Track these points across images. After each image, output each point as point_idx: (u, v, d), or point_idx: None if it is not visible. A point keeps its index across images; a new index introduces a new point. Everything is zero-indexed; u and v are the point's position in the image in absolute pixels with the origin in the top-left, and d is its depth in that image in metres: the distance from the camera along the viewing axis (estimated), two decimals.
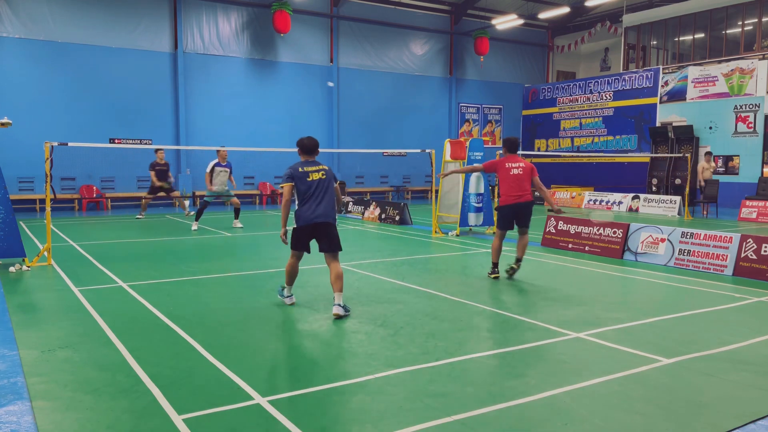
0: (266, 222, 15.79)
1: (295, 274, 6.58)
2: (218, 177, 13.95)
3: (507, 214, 8.22)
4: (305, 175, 6.30)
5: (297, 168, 6.34)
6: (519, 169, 8.11)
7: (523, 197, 8.10)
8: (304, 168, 6.34)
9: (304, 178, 6.28)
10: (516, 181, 8.09)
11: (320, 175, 6.34)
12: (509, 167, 8.14)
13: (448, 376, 4.49)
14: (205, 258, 10.07)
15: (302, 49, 23.97)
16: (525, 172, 8.11)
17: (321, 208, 6.26)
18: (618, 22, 26.67)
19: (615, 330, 5.80)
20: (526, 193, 8.12)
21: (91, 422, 3.71)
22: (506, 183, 8.16)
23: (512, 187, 8.09)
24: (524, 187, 8.10)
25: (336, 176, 6.65)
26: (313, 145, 6.46)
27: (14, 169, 18.30)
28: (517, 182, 8.08)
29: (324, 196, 6.30)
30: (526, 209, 8.20)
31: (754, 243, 8.64)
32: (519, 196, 8.08)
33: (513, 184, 8.09)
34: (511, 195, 8.11)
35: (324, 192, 6.31)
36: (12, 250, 8.81)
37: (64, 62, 19.72)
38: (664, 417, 3.85)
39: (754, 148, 20.65)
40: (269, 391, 4.17)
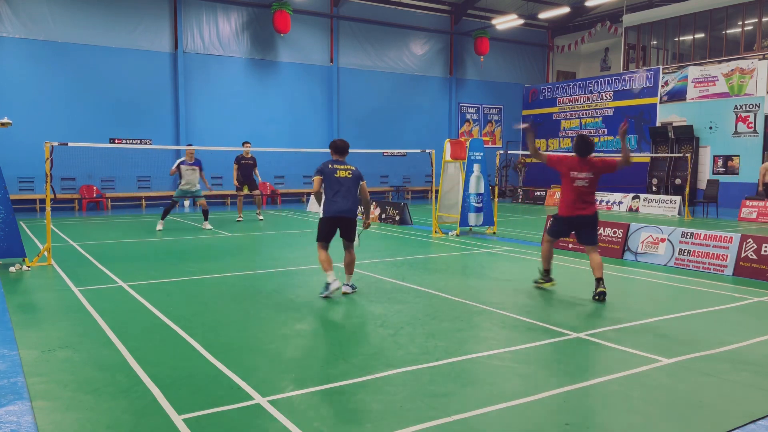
0: (262, 225, 15.79)
1: (328, 261, 7.07)
2: (186, 175, 13.85)
3: (564, 226, 7.39)
4: (333, 171, 7.06)
5: (327, 164, 7.11)
6: (584, 180, 7.10)
7: (586, 209, 7.15)
8: (334, 165, 7.11)
9: (332, 175, 7.04)
10: (579, 192, 7.13)
11: (347, 174, 7.11)
12: (574, 177, 7.12)
13: (448, 376, 4.49)
14: (205, 258, 10.06)
15: (302, 49, 23.97)
16: (591, 183, 7.15)
17: (345, 204, 7.02)
18: (618, 22, 26.67)
19: (615, 330, 5.80)
20: (588, 206, 7.16)
21: (91, 422, 3.71)
22: (567, 191, 7.21)
23: (571, 198, 7.16)
24: (586, 199, 7.16)
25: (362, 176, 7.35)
26: (344, 146, 7.27)
27: (14, 169, 18.29)
28: (578, 193, 7.13)
29: (348, 193, 7.04)
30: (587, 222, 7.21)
31: (754, 243, 8.64)
32: (581, 207, 7.13)
33: (572, 194, 7.15)
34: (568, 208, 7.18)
35: (349, 189, 7.05)
36: (12, 250, 8.81)
37: (64, 62, 19.72)
38: (664, 417, 3.85)
39: (754, 148, 20.65)
40: (269, 391, 4.17)
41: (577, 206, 7.10)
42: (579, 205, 7.09)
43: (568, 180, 7.12)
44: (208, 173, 22.22)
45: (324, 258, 7.07)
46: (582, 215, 7.11)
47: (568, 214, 7.16)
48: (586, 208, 7.12)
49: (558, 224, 7.42)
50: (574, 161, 7.13)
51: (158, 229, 13.57)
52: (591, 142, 7.21)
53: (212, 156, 22.00)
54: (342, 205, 6.99)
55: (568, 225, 7.30)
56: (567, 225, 7.31)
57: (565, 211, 7.19)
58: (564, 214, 7.22)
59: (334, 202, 7.00)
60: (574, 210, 7.11)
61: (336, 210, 6.98)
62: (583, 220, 7.14)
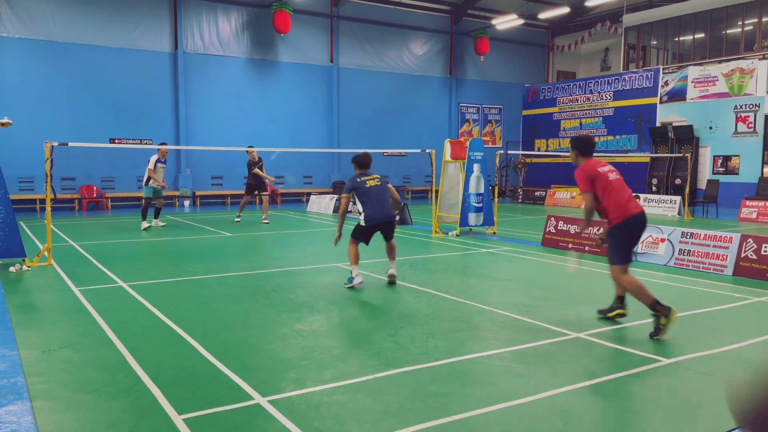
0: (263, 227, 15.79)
1: (357, 257, 7.65)
2: (159, 173, 13.80)
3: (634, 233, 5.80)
4: (363, 183, 7.66)
5: (355, 180, 7.73)
6: (615, 173, 5.89)
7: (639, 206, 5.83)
8: (362, 179, 7.72)
9: (364, 187, 7.64)
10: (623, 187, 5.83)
11: (375, 182, 7.71)
12: (604, 172, 5.81)
13: (448, 376, 4.49)
14: (205, 258, 10.06)
15: (302, 49, 23.98)
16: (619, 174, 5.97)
17: (385, 210, 7.64)
18: (618, 22, 26.67)
19: (615, 330, 5.80)
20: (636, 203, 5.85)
21: (91, 422, 3.71)
22: (614, 192, 5.73)
23: (624, 195, 5.75)
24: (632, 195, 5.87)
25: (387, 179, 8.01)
26: (368, 160, 7.91)
27: (14, 169, 18.30)
28: (624, 188, 5.83)
29: (383, 198, 7.66)
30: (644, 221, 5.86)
31: (754, 243, 8.63)
32: (635, 205, 5.77)
33: (622, 191, 5.77)
34: (630, 206, 5.71)
35: (383, 195, 7.67)
36: (12, 250, 8.81)
37: (64, 62, 19.73)
38: (664, 417, 3.85)
39: (754, 148, 20.65)
40: (269, 391, 4.17)
41: (634, 202, 5.77)
42: (634, 201, 5.79)
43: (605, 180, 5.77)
44: (208, 173, 22.32)
45: (354, 253, 7.63)
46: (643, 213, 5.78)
47: (635, 212, 5.71)
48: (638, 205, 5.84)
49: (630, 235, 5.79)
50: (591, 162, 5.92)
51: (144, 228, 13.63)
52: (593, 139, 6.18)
53: (212, 156, 22.03)
54: (384, 212, 7.62)
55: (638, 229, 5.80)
56: (638, 229, 5.80)
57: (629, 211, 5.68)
58: (631, 213, 5.68)
59: (375, 211, 7.57)
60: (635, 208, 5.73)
61: (381, 217, 7.59)
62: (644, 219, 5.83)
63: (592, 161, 5.89)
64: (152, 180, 13.70)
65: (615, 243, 5.76)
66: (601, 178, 5.74)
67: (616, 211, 5.66)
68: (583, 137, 6.08)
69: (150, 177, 13.66)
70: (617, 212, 5.66)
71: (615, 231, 5.71)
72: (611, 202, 5.70)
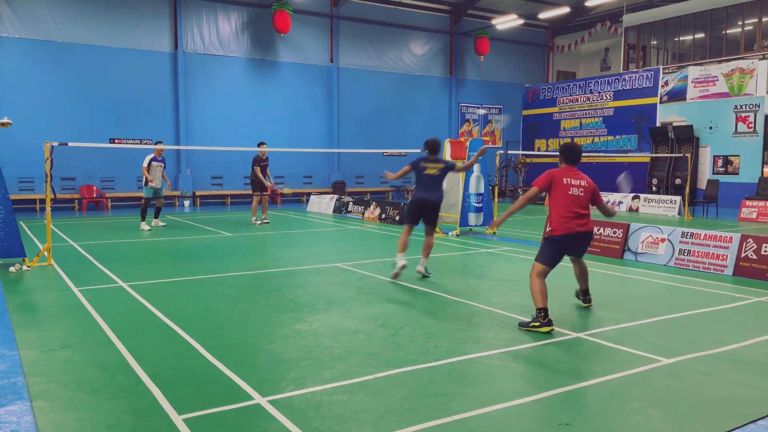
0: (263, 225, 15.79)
1: (405, 244, 8.15)
2: (155, 172, 13.73)
3: (561, 247, 6.04)
4: (423, 168, 8.20)
5: (419, 161, 8.26)
6: (581, 189, 6.00)
7: (585, 225, 6.01)
8: (424, 163, 8.22)
9: (422, 171, 8.19)
10: (576, 203, 5.99)
11: (435, 171, 8.19)
12: (568, 183, 6.01)
13: (448, 376, 4.49)
14: (205, 258, 10.06)
15: (302, 49, 23.98)
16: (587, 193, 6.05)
17: (433, 193, 8.21)
18: (618, 22, 26.67)
19: (615, 330, 5.80)
20: (587, 221, 6.05)
21: (91, 422, 3.71)
22: (561, 204, 5.98)
23: (570, 211, 5.96)
24: (584, 213, 6.05)
25: (452, 166, 8.45)
26: (435, 144, 8.39)
27: (14, 169, 18.30)
28: (575, 205, 5.98)
29: (432, 186, 8.19)
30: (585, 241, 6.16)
31: (754, 243, 8.63)
32: (579, 224, 5.96)
33: (571, 206, 5.97)
34: (566, 221, 5.93)
35: (433, 184, 8.19)
36: (12, 250, 8.81)
37: (64, 62, 19.73)
38: (664, 417, 3.85)
39: (754, 148, 20.65)
40: (269, 391, 4.17)
41: (576, 220, 5.97)
42: (577, 219, 5.98)
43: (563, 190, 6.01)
44: (207, 173, 22.32)
45: (404, 241, 8.16)
46: (581, 232, 6.02)
47: (567, 231, 5.95)
48: (585, 224, 6.04)
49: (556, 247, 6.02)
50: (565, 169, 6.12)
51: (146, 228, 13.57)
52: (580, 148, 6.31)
53: (212, 156, 22.04)
54: (425, 194, 8.15)
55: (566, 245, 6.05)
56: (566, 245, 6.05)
57: (563, 227, 5.95)
58: (563, 232, 5.95)
59: (422, 191, 8.19)
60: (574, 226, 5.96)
61: (421, 197, 8.15)
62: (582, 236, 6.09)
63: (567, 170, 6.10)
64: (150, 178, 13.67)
65: (546, 247, 6.08)
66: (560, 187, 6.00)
67: (555, 222, 5.99)
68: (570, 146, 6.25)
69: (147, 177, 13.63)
70: (556, 225, 5.98)
71: (548, 239, 6.09)
72: (554, 213, 6.03)
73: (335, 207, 18.45)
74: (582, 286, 6.68)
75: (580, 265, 6.54)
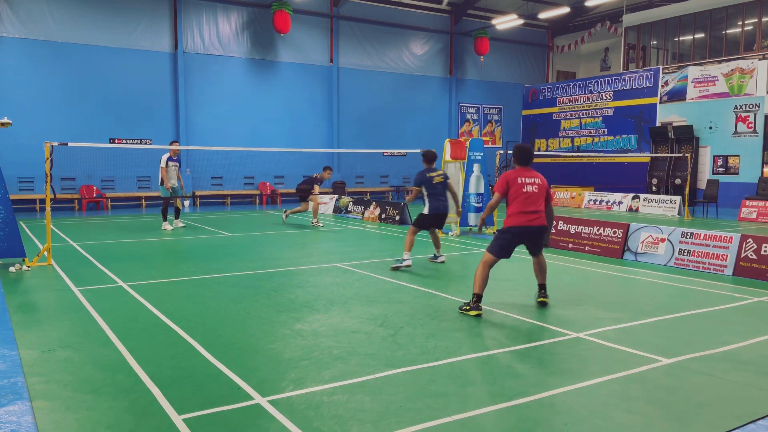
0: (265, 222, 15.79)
1: (412, 245, 8.96)
2: (171, 172, 13.65)
3: (511, 238, 6.52)
4: (431, 179, 9.04)
5: (425, 174, 9.09)
6: (534, 186, 6.52)
7: (536, 220, 6.50)
8: (429, 174, 9.08)
9: (431, 182, 9.03)
10: (529, 199, 6.49)
11: (441, 178, 9.10)
12: (522, 182, 6.53)
13: (448, 376, 4.49)
14: (205, 258, 10.06)
15: (302, 49, 23.98)
16: (540, 190, 6.57)
17: (444, 203, 9.11)
18: (618, 22, 26.68)
19: (615, 330, 5.80)
20: (539, 216, 6.53)
21: (91, 422, 3.71)
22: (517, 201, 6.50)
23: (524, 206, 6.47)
24: (538, 209, 6.52)
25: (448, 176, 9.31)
26: (435, 156, 9.36)
27: (14, 169, 18.30)
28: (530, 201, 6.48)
29: (444, 194, 9.12)
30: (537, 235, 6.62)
31: (754, 243, 8.64)
32: (530, 218, 6.46)
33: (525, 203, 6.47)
34: (519, 215, 6.45)
35: (443, 191, 9.11)
36: (12, 250, 8.81)
37: (64, 62, 19.72)
38: (664, 417, 3.85)
39: (754, 148, 20.65)
40: (269, 391, 4.17)
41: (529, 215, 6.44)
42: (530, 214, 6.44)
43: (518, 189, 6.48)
44: (207, 173, 22.31)
45: (411, 242, 8.92)
46: (532, 226, 6.47)
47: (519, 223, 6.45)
48: (536, 218, 6.48)
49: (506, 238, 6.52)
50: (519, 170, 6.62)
51: (168, 229, 13.52)
52: (531, 150, 6.78)
53: (212, 156, 22.03)
54: (443, 204, 9.06)
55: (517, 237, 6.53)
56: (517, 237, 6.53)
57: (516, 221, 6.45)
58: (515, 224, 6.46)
59: (437, 202, 9.02)
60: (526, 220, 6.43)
61: (440, 208, 9.02)
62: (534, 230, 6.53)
63: (521, 170, 6.60)
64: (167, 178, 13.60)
65: (497, 239, 6.57)
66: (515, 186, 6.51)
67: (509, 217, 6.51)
68: (522, 148, 6.76)
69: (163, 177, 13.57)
70: (509, 218, 6.51)
71: (500, 231, 6.60)
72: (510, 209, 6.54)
73: (335, 207, 18.45)
74: (539, 280, 6.89)
75: (538, 261, 6.82)
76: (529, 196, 6.47)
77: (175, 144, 13.78)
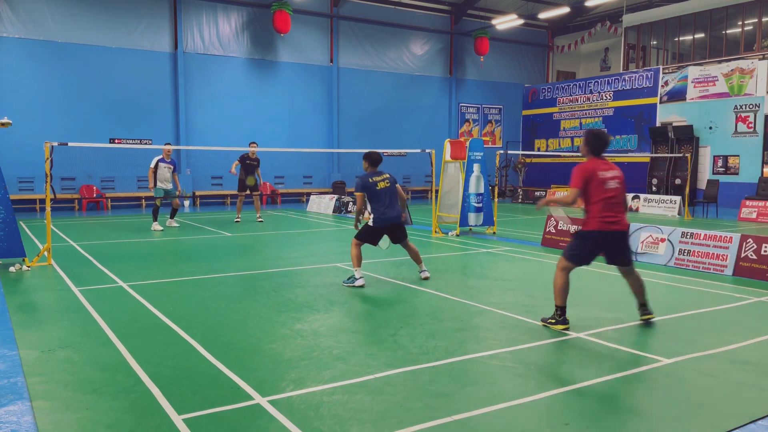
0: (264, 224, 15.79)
1: (360, 258, 7.72)
2: (163, 173, 13.69)
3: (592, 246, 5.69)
4: (375, 184, 7.68)
5: (367, 179, 7.70)
6: (616, 181, 5.61)
7: (619, 223, 5.60)
8: (373, 178, 7.72)
9: (374, 187, 7.66)
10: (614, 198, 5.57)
11: (386, 183, 7.74)
12: (603, 177, 5.56)
13: (448, 376, 4.49)
14: (205, 258, 10.06)
15: (302, 49, 23.98)
16: (623, 186, 5.67)
17: (393, 211, 7.71)
18: (618, 22, 26.67)
19: (615, 330, 5.79)
20: (622, 218, 5.63)
21: (91, 422, 3.71)
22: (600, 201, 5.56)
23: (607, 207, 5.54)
24: (621, 209, 5.64)
25: (395, 180, 7.99)
26: (380, 159, 7.94)
27: (14, 169, 18.29)
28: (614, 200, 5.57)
29: (391, 199, 7.72)
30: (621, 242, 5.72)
31: (754, 243, 8.64)
32: (614, 221, 5.56)
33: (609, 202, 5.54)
34: (605, 218, 5.55)
35: (391, 196, 7.72)
36: (12, 250, 8.81)
37: (64, 62, 19.72)
38: (664, 417, 3.85)
39: (754, 148, 20.65)
40: (269, 391, 4.17)
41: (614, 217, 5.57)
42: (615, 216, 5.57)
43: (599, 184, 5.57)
44: (207, 173, 22.30)
45: (357, 255, 7.69)
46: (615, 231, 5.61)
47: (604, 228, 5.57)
48: (619, 221, 5.61)
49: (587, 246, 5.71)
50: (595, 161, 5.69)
51: (158, 229, 13.54)
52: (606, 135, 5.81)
53: (212, 156, 22.02)
54: (392, 213, 7.70)
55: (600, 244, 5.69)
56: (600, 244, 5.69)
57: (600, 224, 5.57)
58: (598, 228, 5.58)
59: (384, 212, 7.67)
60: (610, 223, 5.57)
61: (388, 219, 7.68)
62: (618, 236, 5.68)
63: (598, 162, 5.65)
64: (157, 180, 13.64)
65: (576, 242, 5.79)
66: (595, 180, 5.55)
67: (592, 219, 5.60)
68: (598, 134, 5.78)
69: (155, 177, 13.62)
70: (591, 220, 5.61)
71: (580, 234, 5.77)
72: (593, 209, 5.59)
73: (335, 207, 18.45)
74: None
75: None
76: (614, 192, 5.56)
77: (167, 145, 13.79)
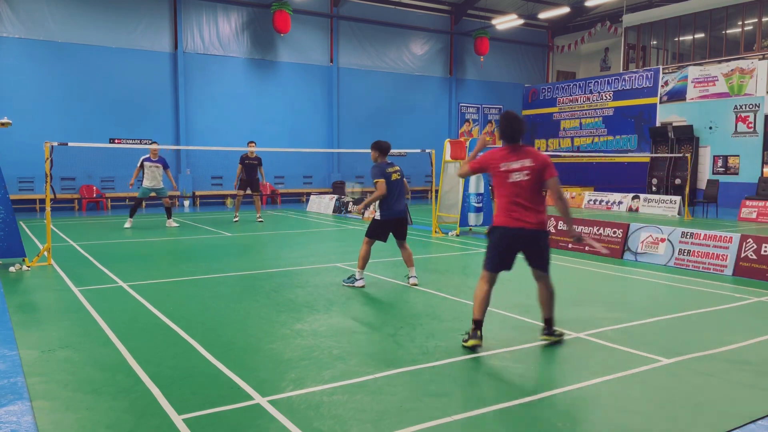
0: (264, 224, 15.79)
1: (367, 260, 7.52)
2: (149, 172, 13.93)
3: (500, 243, 5.09)
4: (390, 175, 7.37)
5: (384, 168, 7.39)
6: (524, 172, 4.93)
7: (529, 222, 4.95)
8: (388, 169, 7.41)
9: (389, 178, 7.35)
10: (518, 192, 4.96)
11: (398, 175, 7.47)
12: (505, 169, 5.00)
13: (448, 376, 4.49)
14: (205, 258, 10.06)
15: (302, 49, 23.97)
16: (533, 176, 4.94)
17: (399, 204, 7.46)
18: (618, 22, 26.67)
19: (615, 330, 5.80)
20: (531, 214, 4.96)
21: (91, 422, 3.71)
22: (503, 196, 5.06)
23: (509, 200, 4.99)
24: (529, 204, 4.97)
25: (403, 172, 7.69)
26: (389, 147, 7.56)
27: (14, 169, 18.29)
28: (518, 195, 4.96)
29: (399, 192, 7.47)
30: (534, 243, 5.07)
31: (754, 243, 8.64)
32: (518, 218, 4.95)
33: (512, 197, 4.99)
34: (509, 214, 5.00)
35: (399, 189, 7.47)
36: (12, 250, 8.80)
37: (64, 62, 19.72)
38: (664, 417, 3.85)
39: (754, 148, 20.65)
40: (269, 391, 4.17)
41: (518, 214, 4.97)
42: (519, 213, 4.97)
43: (501, 177, 5.04)
44: (207, 173, 22.30)
45: (366, 255, 7.46)
46: (524, 229, 4.96)
47: (508, 224, 4.99)
48: (528, 218, 4.95)
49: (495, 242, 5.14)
50: (504, 150, 5.10)
51: (126, 227, 13.79)
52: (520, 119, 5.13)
53: (212, 156, 22.03)
54: (399, 206, 7.45)
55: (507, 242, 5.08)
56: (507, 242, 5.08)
57: (504, 220, 5.02)
58: (502, 224, 5.03)
59: (393, 205, 7.40)
60: (515, 220, 4.97)
61: (396, 212, 7.43)
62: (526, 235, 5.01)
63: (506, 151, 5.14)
64: (144, 179, 13.92)
65: (487, 245, 5.27)
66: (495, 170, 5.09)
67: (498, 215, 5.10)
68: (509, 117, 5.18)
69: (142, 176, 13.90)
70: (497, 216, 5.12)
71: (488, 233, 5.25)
72: (498, 202, 5.14)
73: (335, 207, 18.45)
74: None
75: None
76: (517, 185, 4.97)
77: (153, 144, 13.95)
